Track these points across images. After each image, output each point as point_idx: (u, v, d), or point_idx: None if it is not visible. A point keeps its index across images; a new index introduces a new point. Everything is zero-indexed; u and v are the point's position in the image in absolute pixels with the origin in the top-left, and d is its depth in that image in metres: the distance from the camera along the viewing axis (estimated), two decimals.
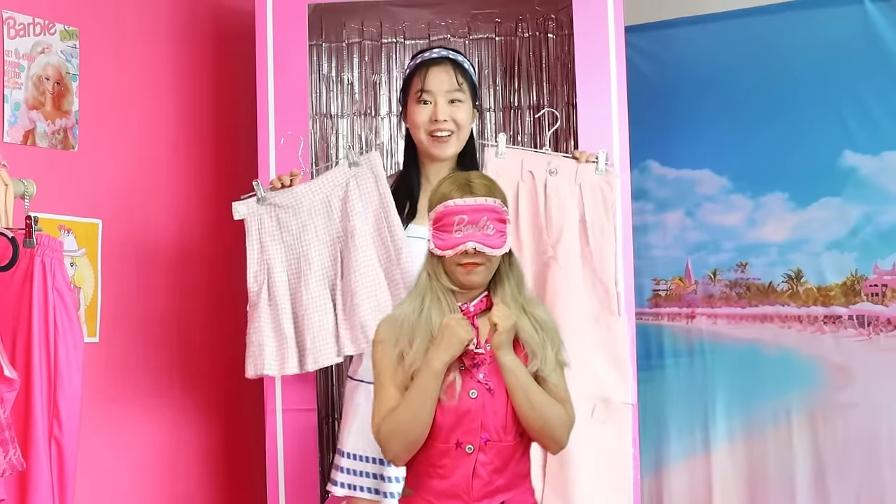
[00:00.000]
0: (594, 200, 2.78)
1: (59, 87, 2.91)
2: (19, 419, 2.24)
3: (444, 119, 2.69)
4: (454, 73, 2.72)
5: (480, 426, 2.09)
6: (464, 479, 2.09)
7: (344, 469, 2.69)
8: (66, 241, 2.85)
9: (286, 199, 2.74)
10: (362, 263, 2.67)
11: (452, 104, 2.71)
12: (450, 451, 2.10)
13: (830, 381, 3.32)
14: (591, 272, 2.77)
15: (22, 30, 2.81)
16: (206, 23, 3.50)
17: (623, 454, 2.80)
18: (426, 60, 2.75)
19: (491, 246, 2.08)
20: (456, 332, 2.07)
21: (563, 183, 2.77)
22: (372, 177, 2.73)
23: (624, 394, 2.77)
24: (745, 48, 3.48)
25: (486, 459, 2.10)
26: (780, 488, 3.40)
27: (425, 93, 2.71)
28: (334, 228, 2.74)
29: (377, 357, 2.17)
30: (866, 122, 3.26)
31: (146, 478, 3.19)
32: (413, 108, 2.74)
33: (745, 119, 3.47)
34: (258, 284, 2.73)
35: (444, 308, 2.12)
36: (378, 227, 2.70)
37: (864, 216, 3.28)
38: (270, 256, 2.73)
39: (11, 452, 2.11)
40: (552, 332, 2.17)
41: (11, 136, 2.77)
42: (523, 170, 2.78)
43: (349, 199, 2.71)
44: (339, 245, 2.73)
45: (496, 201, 2.12)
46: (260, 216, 2.75)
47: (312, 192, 2.74)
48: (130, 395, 3.13)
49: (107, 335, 3.02)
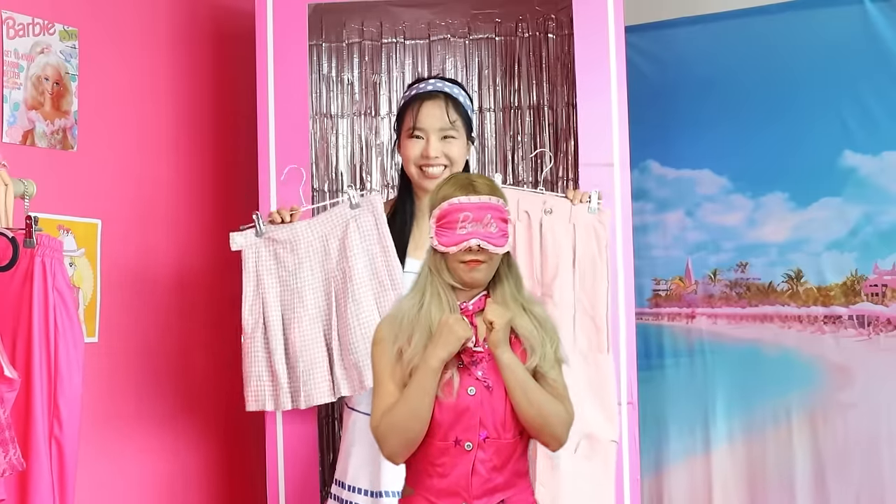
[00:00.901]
0: (587, 239, 2.79)
1: (58, 88, 2.91)
2: (19, 419, 2.24)
3: (436, 156, 2.68)
4: (447, 108, 2.69)
5: (479, 423, 2.09)
6: (463, 476, 2.09)
7: (340, 499, 2.69)
8: (66, 241, 2.85)
9: (284, 234, 2.73)
10: (360, 306, 2.66)
11: (445, 140, 2.69)
12: (449, 448, 2.10)
13: (830, 381, 3.32)
14: (583, 310, 2.79)
15: (21, 30, 2.81)
16: (206, 23, 3.50)
17: (606, 491, 2.79)
18: (420, 94, 2.71)
19: (494, 244, 2.09)
20: (454, 329, 2.07)
21: (558, 222, 2.79)
22: (372, 218, 2.72)
23: (610, 432, 2.78)
24: (745, 48, 3.48)
25: (486, 457, 2.10)
26: (780, 488, 3.40)
27: (417, 129, 2.69)
28: (330, 267, 2.72)
29: (376, 356, 2.17)
30: (866, 122, 3.27)
31: (146, 477, 3.19)
32: (405, 143, 2.72)
33: (746, 119, 3.47)
34: (254, 317, 2.73)
35: (443, 305, 2.12)
36: (376, 269, 2.69)
37: (864, 216, 3.28)
38: (266, 290, 2.72)
39: (11, 452, 2.11)
40: (551, 329, 2.17)
41: (10, 136, 2.77)
42: (519, 209, 2.79)
43: (348, 240, 2.70)
44: (335, 285, 2.71)
45: (499, 200, 2.12)
46: (258, 249, 2.74)
47: (311, 230, 2.74)
48: (130, 395, 3.13)
49: (106, 335, 3.02)
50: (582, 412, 2.27)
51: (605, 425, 2.78)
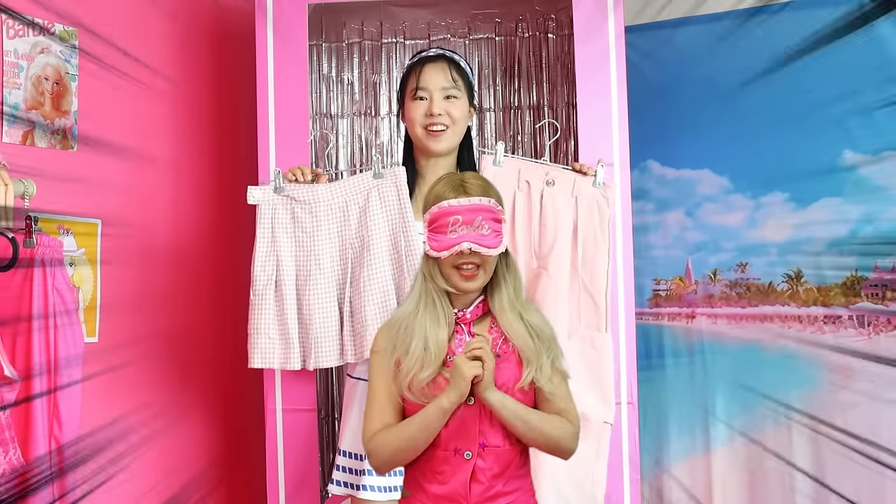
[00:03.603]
0: (589, 213, 2.78)
1: (58, 88, 2.91)
2: (19, 419, 2.24)
3: (439, 113, 2.71)
4: (449, 70, 2.74)
5: (479, 433, 2.10)
6: (461, 484, 2.10)
7: (344, 468, 2.69)
8: (66, 241, 2.85)
9: (304, 194, 2.72)
10: (376, 277, 2.67)
11: (447, 100, 2.73)
12: (448, 457, 2.11)
13: (830, 381, 3.32)
14: (583, 287, 2.77)
15: (21, 30, 2.81)
16: (206, 23, 3.50)
17: (598, 474, 2.77)
18: (422, 58, 2.77)
19: (486, 246, 2.07)
20: (461, 370, 2.03)
21: (560, 194, 2.78)
22: (395, 190, 2.72)
23: (604, 413, 2.76)
24: (745, 48, 3.48)
25: (485, 465, 2.10)
26: (780, 488, 3.40)
27: (420, 89, 2.73)
28: (349, 233, 2.73)
29: (374, 366, 2.16)
30: (866, 122, 3.26)
31: (146, 477, 3.19)
32: (410, 105, 2.75)
33: (746, 119, 3.47)
34: (266, 275, 2.72)
35: (438, 312, 2.11)
36: (395, 242, 2.70)
37: (864, 216, 3.27)
38: (280, 248, 2.72)
39: (11, 452, 2.11)
40: (549, 340, 2.15)
41: (10, 136, 2.77)
42: (520, 179, 2.78)
43: (369, 209, 2.71)
44: (352, 252, 2.72)
45: (490, 201, 2.10)
46: (274, 206, 2.73)
47: (332, 193, 2.73)
48: (130, 395, 3.13)
49: (106, 335, 3.02)
50: (575, 392, 2.24)
51: (599, 406, 2.76)
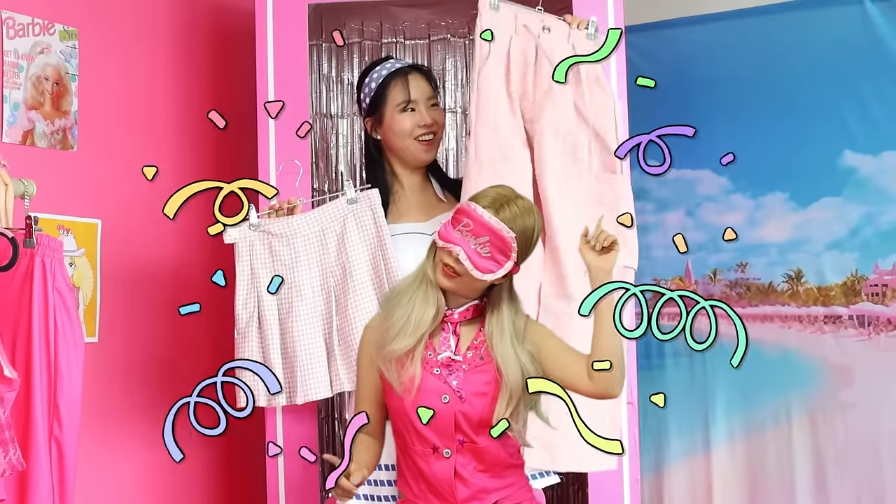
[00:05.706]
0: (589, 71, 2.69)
1: (58, 88, 2.91)
2: (19, 419, 2.24)
3: (432, 122, 2.75)
4: (426, 78, 2.81)
5: (455, 429, 2.10)
6: (445, 482, 2.11)
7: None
8: (66, 241, 2.85)
9: (280, 227, 2.70)
10: (361, 302, 2.65)
11: (433, 108, 2.78)
12: (428, 455, 2.12)
13: (830, 381, 3.33)
14: (592, 132, 2.69)
15: (21, 30, 2.81)
16: (206, 23, 3.49)
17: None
18: (401, 69, 2.78)
19: (474, 264, 2.02)
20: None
21: (556, 41, 2.70)
22: (370, 214, 2.70)
23: (627, 258, 2.62)
24: (745, 48, 3.48)
25: (466, 461, 2.11)
26: (780, 488, 3.40)
27: (412, 101, 2.75)
28: (328, 262, 2.71)
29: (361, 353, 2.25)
30: (866, 122, 3.27)
31: (145, 477, 3.19)
32: (396, 118, 2.75)
33: (746, 119, 3.47)
34: (248, 312, 2.71)
35: (429, 293, 2.10)
36: (375, 266, 2.68)
37: (864, 216, 3.28)
38: (260, 284, 2.70)
39: (11, 452, 2.11)
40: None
41: (10, 136, 2.77)
42: (517, 23, 2.70)
43: (347, 236, 2.69)
44: (333, 280, 2.70)
45: (510, 233, 2.04)
46: (252, 242, 2.71)
47: (308, 223, 2.71)
48: (129, 395, 3.13)
49: (106, 335, 3.02)
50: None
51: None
